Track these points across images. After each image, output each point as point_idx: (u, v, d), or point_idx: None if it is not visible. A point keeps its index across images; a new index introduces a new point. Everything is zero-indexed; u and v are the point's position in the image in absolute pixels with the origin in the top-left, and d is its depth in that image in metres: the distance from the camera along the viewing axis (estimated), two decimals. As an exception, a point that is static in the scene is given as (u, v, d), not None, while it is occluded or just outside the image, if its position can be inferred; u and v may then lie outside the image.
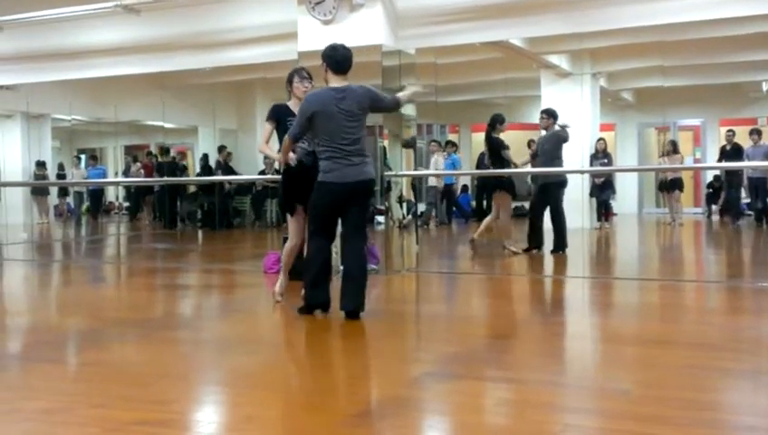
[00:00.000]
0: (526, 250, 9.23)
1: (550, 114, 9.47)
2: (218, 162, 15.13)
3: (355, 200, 5.13)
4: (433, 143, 14.59)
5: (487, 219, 9.46)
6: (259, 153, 5.88)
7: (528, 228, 9.46)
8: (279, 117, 5.59)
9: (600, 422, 3.07)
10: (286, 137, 5.37)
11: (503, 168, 9.11)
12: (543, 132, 9.59)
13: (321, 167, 5.18)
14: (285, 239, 6.08)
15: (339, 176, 5.06)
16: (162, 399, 3.40)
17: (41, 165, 15.20)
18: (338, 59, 5.16)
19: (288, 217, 5.70)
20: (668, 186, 13.85)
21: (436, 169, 13.64)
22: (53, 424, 3.08)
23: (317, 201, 5.22)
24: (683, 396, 3.32)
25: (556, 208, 9.24)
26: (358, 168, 5.08)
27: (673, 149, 13.60)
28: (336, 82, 5.15)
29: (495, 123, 9.22)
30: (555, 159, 9.14)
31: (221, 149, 15.28)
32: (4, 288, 7.95)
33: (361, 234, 5.25)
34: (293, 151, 5.49)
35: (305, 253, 5.47)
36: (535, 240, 9.26)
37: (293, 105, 5.60)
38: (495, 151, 9.14)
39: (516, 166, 9.41)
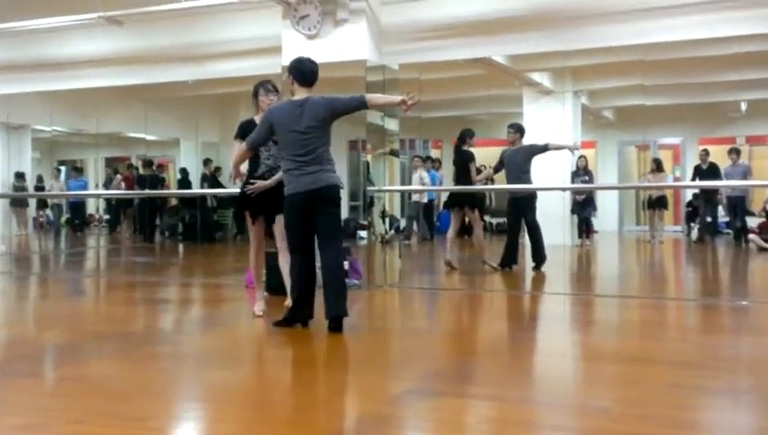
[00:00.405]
0: (499, 265, 9.21)
1: (517, 129, 9.55)
2: (204, 175, 15.05)
3: (317, 209, 5.12)
4: (416, 159, 14.64)
5: (450, 234, 9.49)
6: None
7: (504, 246, 9.44)
8: (246, 134, 5.54)
9: (581, 441, 3.07)
10: (243, 144, 5.38)
11: (468, 183, 9.15)
12: (510, 146, 9.59)
13: (283, 182, 5.25)
14: (270, 254, 6.07)
15: (295, 187, 5.11)
16: (141, 415, 3.36)
17: (20, 176, 15.05)
18: (303, 71, 5.21)
19: (249, 225, 5.77)
20: (654, 204, 13.96)
21: (421, 183, 13.68)
22: (30, 441, 3.04)
23: (285, 217, 5.27)
24: (663, 414, 3.33)
25: (531, 223, 9.27)
26: (313, 175, 5.09)
27: (657, 167, 13.72)
28: (301, 94, 5.19)
29: (465, 137, 9.37)
30: (525, 172, 9.17)
31: (207, 161, 15.18)
32: (-19, 301, 7.86)
33: (334, 243, 5.22)
34: (251, 168, 5.53)
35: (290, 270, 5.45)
36: (509, 259, 9.26)
37: (260, 119, 5.60)
38: (465, 165, 9.20)
39: (475, 181, 9.37)
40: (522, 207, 9.28)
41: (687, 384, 3.90)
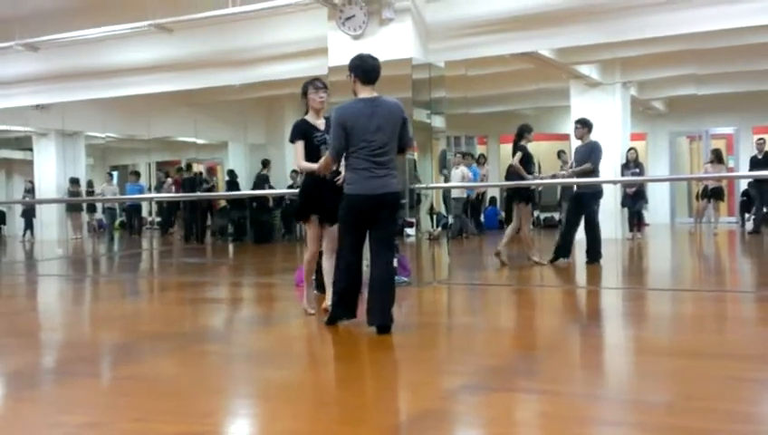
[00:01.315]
0: (551, 261, 9.14)
1: (584, 124, 9.31)
2: (262, 176, 15.22)
3: (380, 213, 5.08)
4: (457, 155, 14.59)
5: (509, 230, 9.42)
6: (299, 170, 5.88)
7: (558, 239, 9.39)
8: (304, 135, 5.56)
9: (640, 435, 3.03)
10: (327, 155, 5.23)
11: (521, 178, 9.05)
12: (579, 142, 9.45)
13: (345, 179, 5.19)
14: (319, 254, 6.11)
15: (361, 187, 5.05)
16: (199, 411, 3.42)
17: (74, 182, 15.43)
18: (366, 68, 5.13)
19: (307, 226, 5.74)
20: (710, 194, 13.68)
21: (463, 179, 13.62)
22: (94, 438, 3.12)
23: (343, 215, 5.21)
24: (724, 408, 3.27)
25: (591, 220, 9.13)
26: (382, 180, 5.04)
27: (717, 157, 13.43)
28: (365, 92, 5.12)
29: (523, 133, 9.21)
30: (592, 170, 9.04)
31: (265, 163, 15.32)
32: (41, 304, 8.08)
33: (389, 248, 5.20)
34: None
35: (333, 267, 5.47)
36: (563, 252, 9.17)
37: (311, 118, 5.62)
38: (519, 160, 9.12)
39: (519, 170, 9.21)
40: (585, 203, 9.13)
41: (748, 378, 3.82)
